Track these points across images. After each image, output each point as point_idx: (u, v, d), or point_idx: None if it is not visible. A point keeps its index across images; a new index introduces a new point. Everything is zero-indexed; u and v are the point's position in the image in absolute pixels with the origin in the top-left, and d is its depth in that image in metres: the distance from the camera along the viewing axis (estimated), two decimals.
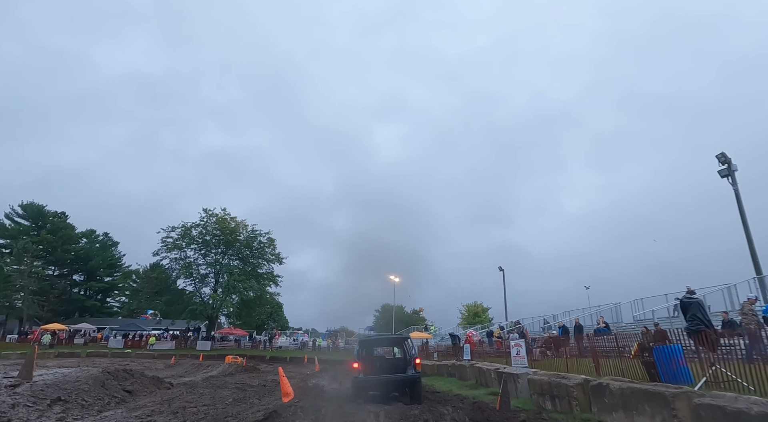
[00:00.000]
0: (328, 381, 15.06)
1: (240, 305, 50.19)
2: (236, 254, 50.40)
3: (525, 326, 26.91)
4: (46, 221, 56.98)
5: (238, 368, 18.98)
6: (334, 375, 16.58)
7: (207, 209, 48.38)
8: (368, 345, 12.42)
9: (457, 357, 20.44)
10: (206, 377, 13.90)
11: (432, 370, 18.64)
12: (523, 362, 12.38)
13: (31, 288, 53.71)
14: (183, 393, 9.21)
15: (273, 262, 51.95)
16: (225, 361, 30.29)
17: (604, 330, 14.50)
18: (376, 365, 11.54)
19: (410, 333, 38.00)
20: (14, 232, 52.58)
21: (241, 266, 49.82)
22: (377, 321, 71.84)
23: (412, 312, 72.94)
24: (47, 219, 57.36)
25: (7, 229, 53.18)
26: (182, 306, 44.17)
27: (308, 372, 20.18)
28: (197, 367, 19.12)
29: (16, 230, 52.86)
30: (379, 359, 12.32)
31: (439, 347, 33.20)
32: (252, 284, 47.51)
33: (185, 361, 24.45)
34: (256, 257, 51.14)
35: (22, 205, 54.91)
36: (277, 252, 52.06)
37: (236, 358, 31.02)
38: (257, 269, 51.07)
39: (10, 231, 52.81)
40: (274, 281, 51.93)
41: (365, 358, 11.34)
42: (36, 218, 56.08)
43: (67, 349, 38.25)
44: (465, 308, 60.49)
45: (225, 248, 49.79)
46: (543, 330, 25.76)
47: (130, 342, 43.84)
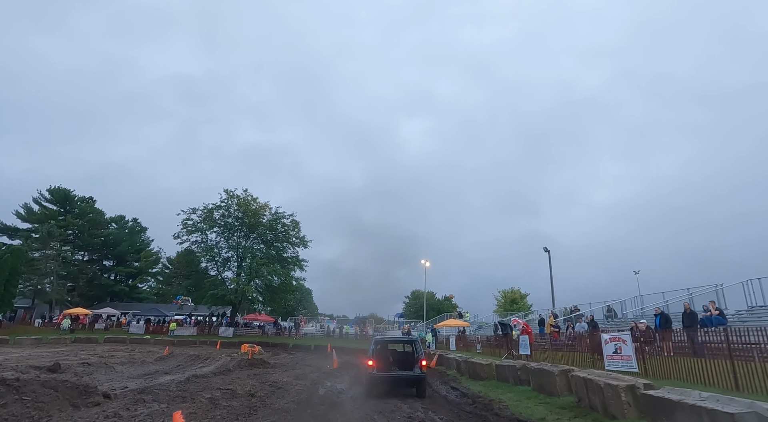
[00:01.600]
0: (347, 384, 11.99)
1: (264, 291, 48.15)
2: (259, 237, 48.18)
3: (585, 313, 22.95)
4: (74, 205, 56.60)
5: (242, 362, 16.18)
6: (356, 375, 13.39)
7: (228, 190, 46.15)
8: (382, 345, 13.26)
9: (509, 350, 16.89)
10: (190, 376, 11.14)
11: (487, 372, 12.85)
12: (629, 364, 8.74)
13: (59, 273, 53.61)
14: (99, 417, 6.14)
15: (298, 245, 49.49)
16: (241, 350, 27.93)
17: (719, 320, 10.60)
18: (388, 362, 12.41)
19: (444, 321, 34.57)
20: (41, 217, 52.26)
21: (264, 250, 47.57)
22: (407, 307, 68.80)
23: (444, 299, 69.46)
24: (75, 204, 56.98)
25: (35, 213, 52.94)
26: (204, 291, 42.29)
27: (328, 365, 17.13)
28: (194, 360, 16.46)
29: (43, 215, 52.51)
30: (390, 357, 12.96)
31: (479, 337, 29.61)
32: (276, 269, 45.17)
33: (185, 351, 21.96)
34: (281, 241, 48.78)
35: (50, 189, 54.59)
36: (301, 236, 49.57)
37: (253, 347, 28.56)
38: (281, 254, 48.74)
39: (38, 216, 52.54)
40: (300, 265, 49.55)
41: (378, 356, 12.11)
42: (63, 202, 55.74)
43: (86, 334, 37.03)
44: (501, 294, 56.42)
45: (248, 231, 47.61)
46: (607, 319, 21.71)
47: (152, 327, 42.49)
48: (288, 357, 25.57)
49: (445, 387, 12.44)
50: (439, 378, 13.90)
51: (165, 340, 36.34)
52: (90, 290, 58.13)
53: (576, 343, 15.61)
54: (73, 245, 56.64)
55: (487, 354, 20.00)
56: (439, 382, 13.07)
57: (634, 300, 20.97)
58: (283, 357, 26.44)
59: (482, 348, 22.04)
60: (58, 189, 55.11)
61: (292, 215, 48.53)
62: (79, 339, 33.82)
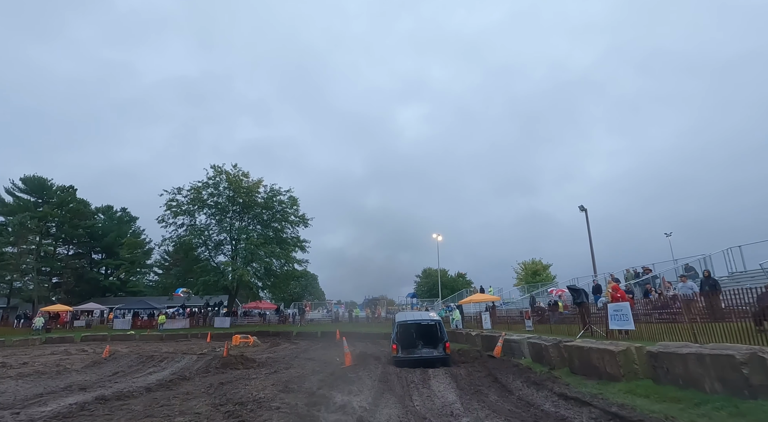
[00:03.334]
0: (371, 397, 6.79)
1: (264, 275, 43.64)
2: (255, 217, 43.44)
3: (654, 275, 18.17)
4: (52, 195, 51.81)
5: (214, 361, 11.50)
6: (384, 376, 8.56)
7: (216, 165, 41.15)
8: (405, 327, 13.18)
9: (587, 325, 12.12)
10: (105, 395, 6.63)
11: (621, 364, 7.14)
12: None
13: (41, 268, 49.19)
14: None
15: (297, 225, 44.74)
16: (232, 342, 23.47)
17: None
18: (410, 345, 12.64)
19: (470, 296, 29.95)
20: (15, 208, 47.51)
21: (261, 231, 42.87)
22: (419, 286, 64.34)
23: (457, 276, 64.97)
24: (53, 194, 52.18)
25: (7, 205, 48.18)
26: (195, 278, 37.75)
27: (337, 359, 12.39)
28: (142, 363, 11.55)
29: (17, 206, 47.76)
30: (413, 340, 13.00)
31: (527, 311, 24.99)
32: (274, 250, 40.50)
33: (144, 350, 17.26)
34: (278, 220, 44.02)
35: (24, 178, 49.76)
36: (301, 214, 44.75)
37: (246, 338, 24.11)
38: (280, 234, 44.06)
39: (11, 207, 47.78)
40: (301, 246, 44.86)
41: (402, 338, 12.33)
42: (40, 192, 50.97)
43: (63, 333, 32.72)
44: (521, 266, 51.83)
45: (241, 211, 42.86)
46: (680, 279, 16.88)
47: (140, 322, 38.13)
48: (288, 349, 21.04)
49: (547, 394, 6.82)
50: (517, 373, 8.39)
51: (152, 335, 32.04)
52: (77, 286, 53.79)
53: (678, 310, 10.85)
54: (55, 238, 52.13)
55: (545, 332, 15.29)
56: (524, 382, 7.58)
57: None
58: (283, 348, 21.93)
59: (536, 323, 17.35)
60: (33, 178, 50.28)
61: (290, 190, 43.71)
62: (51, 339, 29.44)
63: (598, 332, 12.49)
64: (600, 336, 12.21)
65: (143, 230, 60.62)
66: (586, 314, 12.73)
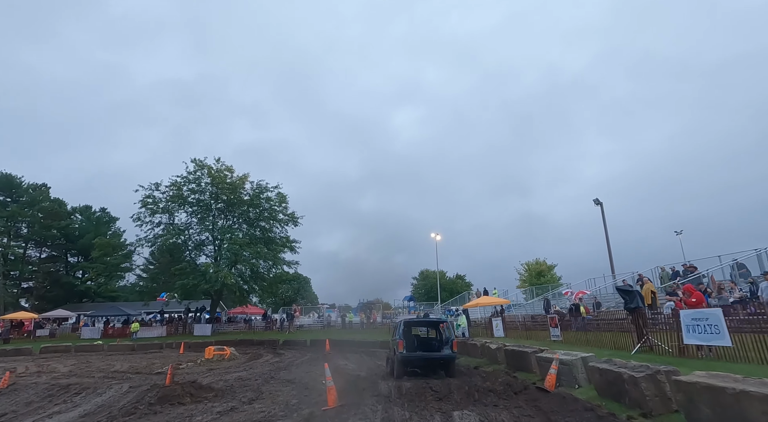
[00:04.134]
0: None
1: (251, 278, 40.49)
2: (240, 216, 40.29)
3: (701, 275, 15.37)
4: (22, 193, 48.30)
5: (148, 394, 8.34)
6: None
7: (197, 159, 37.93)
8: (409, 326, 13.25)
9: (645, 337, 9.25)
10: None
11: (720, 407, 4.16)
12: None
13: (8, 272, 45.65)
14: None
15: (286, 223, 41.64)
16: (205, 355, 20.36)
17: None
18: (415, 344, 12.72)
19: (476, 300, 27.07)
20: None
21: (246, 230, 39.73)
22: (416, 289, 61.32)
23: (456, 277, 62.11)
24: (23, 192, 48.67)
25: None
26: (174, 281, 34.49)
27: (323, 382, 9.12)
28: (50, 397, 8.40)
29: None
30: (418, 339, 13.17)
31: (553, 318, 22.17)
32: (260, 251, 37.35)
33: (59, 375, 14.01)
34: (266, 219, 40.88)
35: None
36: (290, 212, 41.66)
37: (222, 349, 20.99)
38: (268, 234, 40.94)
39: None
40: (290, 247, 41.68)
41: (407, 338, 12.40)
42: (8, 190, 47.43)
43: (22, 344, 29.38)
44: (525, 267, 49.03)
45: (225, 208, 39.70)
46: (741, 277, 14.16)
47: (112, 330, 34.80)
48: (268, 363, 18.02)
49: None
50: None
51: (122, 345, 28.81)
52: (50, 291, 50.24)
53: None
54: (25, 239, 48.56)
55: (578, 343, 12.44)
56: None
57: None
58: (263, 362, 18.91)
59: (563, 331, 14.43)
60: (1, 175, 46.76)
61: (278, 187, 40.59)
62: (5, 351, 26.07)
63: (660, 346, 9.62)
64: (665, 351, 9.33)
65: (124, 231, 57.05)
66: (642, 322, 9.85)
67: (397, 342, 11.75)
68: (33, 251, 49.93)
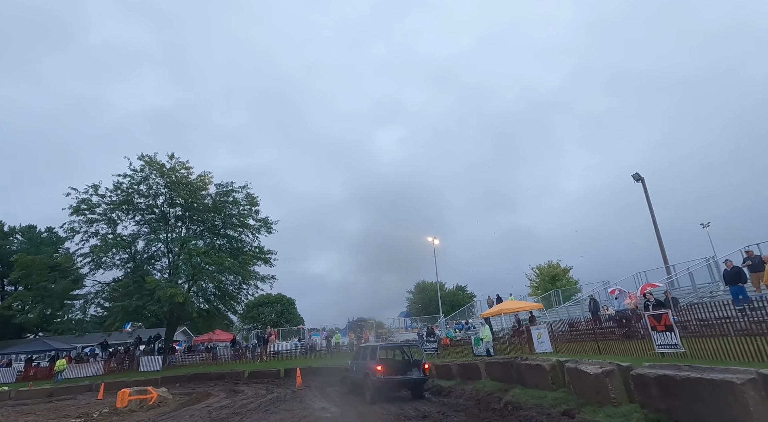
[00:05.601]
0: None
1: (218, 298, 33.81)
2: (202, 223, 33.79)
3: None
4: None
5: None
6: None
7: (145, 155, 31.42)
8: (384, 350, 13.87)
9: None
10: None
11: None
12: None
13: None
14: None
15: (258, 231, 35.26)
16: (117, 402, 13.79)
17: None
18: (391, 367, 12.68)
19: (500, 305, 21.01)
20: None
21: (209, 239, 33.24)
22: (412, 304, 54.82)
23: (456, 289, 55.88)
24: None
25: None
26: (113, 304, 27.63)
27: None
28: None
29: None
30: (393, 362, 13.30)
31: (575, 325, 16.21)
32: (224, 262, 30.76)
33: None
34: (234, 227, 34.42)
35: None
36: (263, 217, 35.36)
37: (145, 393, 14.43)
38: (234, 243, 34.49)
39: None
40: (264, 259, 35.18)
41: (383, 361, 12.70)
42: None
43: None
44: (536, 272, 43.15)
45: (183, 214, 33.22)
46: None
47: (34, 369, 27.59)
48: (207, 412, 11.74)
49: None
50: None
51: (37, 391, 21.85)
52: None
53: None
54: None
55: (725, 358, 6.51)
56: None
57: None
58: (203, 406, 12.71)
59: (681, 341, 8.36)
60: None
61: (246, 186, 34.28)
62: None
63: None
64: None
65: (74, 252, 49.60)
66: None
67: (373, 366, 11.89)
68: None
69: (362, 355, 13.67)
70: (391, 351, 14.43)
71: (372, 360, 12.38)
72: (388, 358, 13.37)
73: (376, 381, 11.48)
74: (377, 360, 12.14)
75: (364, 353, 13.70)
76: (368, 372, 11.94)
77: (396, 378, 12.11)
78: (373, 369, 11.69)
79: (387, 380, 11.72)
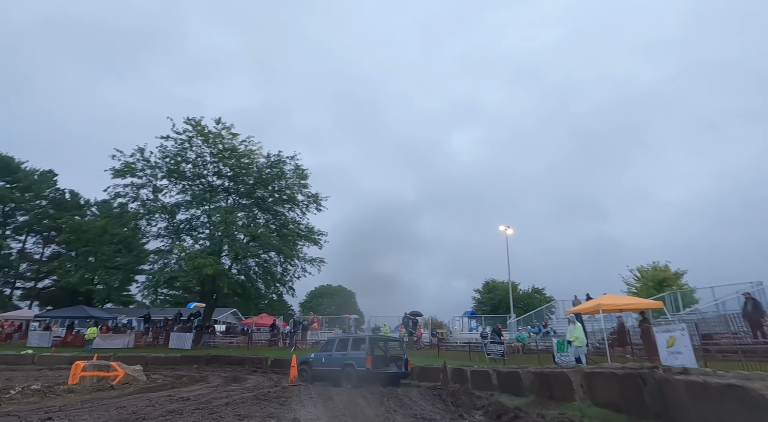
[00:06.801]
0: None
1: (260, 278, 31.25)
2: (246, 196, 31.31)
3: None
4: (21, 179, 42.60)
5: None
6: None
7: (192, 118, 29.36)
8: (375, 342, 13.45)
9: None
10: None
11: None
12: None
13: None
14: None
15: (307, 207, 32.10)
16: (70, 377, 10.57)
17: None
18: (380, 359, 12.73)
19: (596, 300, 15.31)
20: None
21: (252, 214, 30.63)
22: (479, 303, 48.72)
23: (533, 291, 48.87)
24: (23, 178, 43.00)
25: None
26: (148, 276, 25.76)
27: None
28: None
29: None
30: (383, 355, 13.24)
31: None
32: (265, 237, 27.87)
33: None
34: (281, 203, 31.59)
35: None
36: (314, 193, 32.18)
37: (107, 369, 11.13)
38: (281, 219, 31.65)
39: None
40: (313, 239, 31.99)
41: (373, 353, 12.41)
42: (5, 175, 41.67)
43: None
44: (635, 275, 35.30)
45: (229, 185, 31.01)
46: None
47: (71, 337, 26.47)
48: (156, 401, 7.78)
49: None
50: None
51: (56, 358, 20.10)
52: (54, 292, 44.10)
53: None
54: (25, 231, 42.91)
55: None
56: None
57: None
58: (155, 398, 8.71)
59: None
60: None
61: (294, 157, 31.20)
62: None
63: None
64: None
65: None
66: None
67: (360, 358, 11.93)
68: (35, 246, 44.17)
69: (340, 346, 13.22)
70: (383, 342, 14.31)
71: (356, 351, 12.40)
72: (378, 350, 13.21)
73: (366, 372, 11.42)
74: (367, 352, 12.02)
75: (342, 344, 13.28)
76: (352, 362, 11.85)
77: (384, 371, 12.15)
78: (361, 361, 11.72)
79: (377, 372, 11.77)
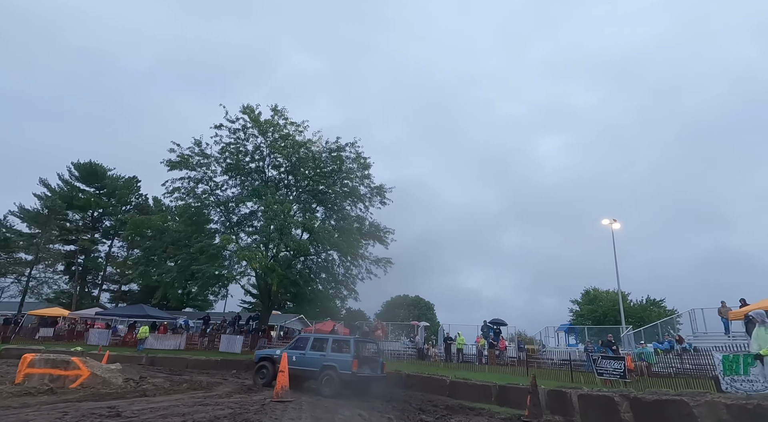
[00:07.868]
0: None
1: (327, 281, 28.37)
2: (304, 189, 28.74)
3: None
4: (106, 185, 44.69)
5: None
6: None
7: (248, 106, 27.49)
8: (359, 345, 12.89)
9: None
10: None
11: None
12: None
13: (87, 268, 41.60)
14: None
15: (370, 200, 28.83)
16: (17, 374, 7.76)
17: None
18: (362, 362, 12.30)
19: None
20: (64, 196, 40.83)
21: (308, 207, 27.90)
22: (578, 317, 41.54)
23: (647, 302, 40.59)
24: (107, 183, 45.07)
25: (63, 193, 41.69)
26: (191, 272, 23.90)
27: None
28: None
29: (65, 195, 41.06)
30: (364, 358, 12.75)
31: None
32: (328, 237, 25.13)
33: None
34: (342, 196, 28.60)
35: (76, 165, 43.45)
36: (377, 184, 28.93)
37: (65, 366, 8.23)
38: (343, 213, 28.67)
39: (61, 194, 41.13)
40: (379, 238, 28.68)
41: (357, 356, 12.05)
42: (90, 180, 43.97)
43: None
44: None
45: (286, 177, 28.80)
46: None
47: (130, 336, 25.49)
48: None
49: None
50: None
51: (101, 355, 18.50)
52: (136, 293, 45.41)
53: None
54: (110, 235, 44.83)
55: None
56: None
57: None
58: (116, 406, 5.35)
59: None
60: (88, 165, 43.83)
61: (354, 144, 28.15)
62: None
63: None
64: None
65: None
66: None
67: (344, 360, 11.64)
68: (120, 250, 46.04)
69: (316, 345, 12.54)
70: (364, 346, 13.89)
71: (337, 352, 12.00)
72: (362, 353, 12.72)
73: (349, 376, 11.08)
74: (352, 354, 11.55)
75: (319, 343, 12.64)
76: (334, 365, 11.43)
77: (365, 374, 11.76)
78: (345, 364, 11.33)
79: (361, 376, 11.42)
